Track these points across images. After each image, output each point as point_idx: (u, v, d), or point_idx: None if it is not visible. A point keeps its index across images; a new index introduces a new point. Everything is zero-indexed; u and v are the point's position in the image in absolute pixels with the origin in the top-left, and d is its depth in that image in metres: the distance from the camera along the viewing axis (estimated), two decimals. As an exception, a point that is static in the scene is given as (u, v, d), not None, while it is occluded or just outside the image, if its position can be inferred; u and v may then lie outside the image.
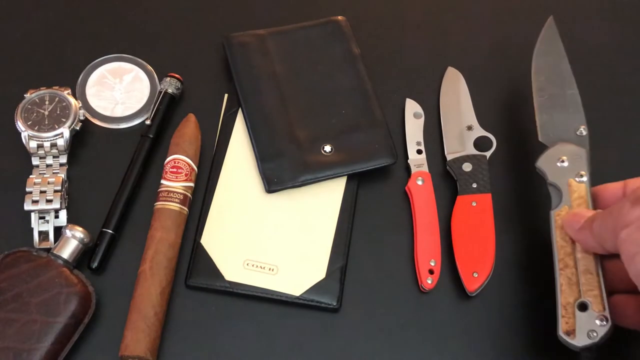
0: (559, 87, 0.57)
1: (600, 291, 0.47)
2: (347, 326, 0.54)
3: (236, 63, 0.61)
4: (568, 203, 0.51)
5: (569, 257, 0.49)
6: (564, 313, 0.48)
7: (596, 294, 0.47)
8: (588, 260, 0.48)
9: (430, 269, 0.55)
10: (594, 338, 0.46)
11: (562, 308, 0.48)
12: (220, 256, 0.54)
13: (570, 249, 0.49)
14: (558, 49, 0.59)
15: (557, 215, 0.51)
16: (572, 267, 0.49)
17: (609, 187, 0.50)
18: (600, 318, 0.47)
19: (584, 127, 0.54)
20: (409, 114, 0.62)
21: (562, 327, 0.48)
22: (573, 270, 0.49)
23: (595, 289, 0.48)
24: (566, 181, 0.52)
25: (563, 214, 0.51)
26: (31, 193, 0.54)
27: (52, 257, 0.52)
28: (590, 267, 0.48)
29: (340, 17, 0.64)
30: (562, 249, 0.50)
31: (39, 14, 0.65)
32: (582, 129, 0.54)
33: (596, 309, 0.47)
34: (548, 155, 0.54)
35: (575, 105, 0.56)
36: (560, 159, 0.53)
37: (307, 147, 0.57)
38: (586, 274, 0.48)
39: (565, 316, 0.48)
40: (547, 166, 0.53)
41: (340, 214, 0.56)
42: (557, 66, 0.58)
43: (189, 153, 0.57)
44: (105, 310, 0.53)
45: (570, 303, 0.48)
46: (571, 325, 0.47)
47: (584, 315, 0.47)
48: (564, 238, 0.50)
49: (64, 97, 0.58)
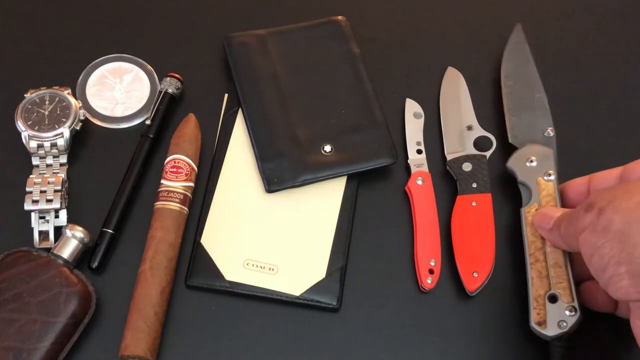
0: (527, 91, 0.60)
1: (569, 283, 0.50)
2: (347, 326, 0.54)
3: (236, 63, 0.61)
4: (537, 200, 0.54)
5: (539, 252, 0.52)
6: (535, 305, 0.51)
7: (565, 286, 0.50)
8: (557, 254, 0.51)
9: (430, 269, 0.55)
10: (564, 328, 0.49)
11: (534, 300, 0.51)
12: (220, 256, 0.54)
13: (540, 244, 0.52)
14: (525, 54, 0.62)
15: (527, 212, 0.54)
16: (542, 261, 0.52)
17: (575, 183, 0.54)
18: (569, 309, 0.50)
19: (551, 128, 0.58)
20: (409, 114, 0.62)
21: (534, 318, 0.50)
22: (543, 264, 0.52)
23: (564, 281, 0.50)
24: (535, 180, 0.55)
25: (533, 212, 0.53)
26: (31, 193, 0.54)
27: (52, 257, 0.52)
28: (560, 261, 0.51)
29: (340, 17, 0.64)
30: (533, 244, 0.53)
31: (39, 13, 0.65)
32: (550, 130, 0.58)
33: (565, 300, 0.50)
34: (518, 156, 0.56)
35: (542, 107, 0.59)
36: (530, 159, 0.56)
37: (307, 147, 0.57)
38: (555, 267, 0.51)
39: (536, 308, 0.50)
40: (517, 166, 0.56)
41: (340, 214, 0.56)
42: (524, 71, 0.62)
43: (189, 153, 0.57)
44: (105, 310, 0.53)
45: (541, 295, 0.51)
46: (542, 316, 0.50)
47: (554, 307, 0.50)
48: (534, 234, 0.53)
49: (64, 97, 0.58)
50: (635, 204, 0.42)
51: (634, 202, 0.42)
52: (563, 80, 0.64)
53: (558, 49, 0.66)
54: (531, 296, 0.51)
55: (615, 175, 0.51)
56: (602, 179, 0.51)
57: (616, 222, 0.42)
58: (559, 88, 0.64)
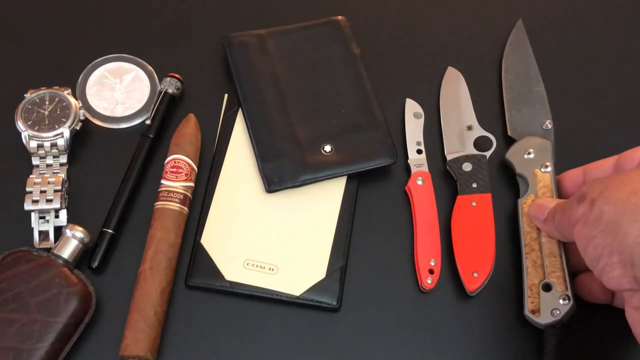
0: (527, 85, 0.62)
1: (563, 272, 0.51)
2: (347, 326, 0.54)
3: (236, 63, 0.61)
4: (534, 192, 0.55)
5: (534, 242, 0.53)
6: (529, 293, 0.52)
7: (559, 275, 0.51)
8: (552, 244, 0.52)
9: (430, 269, 0.55)
10: (557, 316, 0.50)
11: (528, 289, 0.52)
12: (220, 256, 0.54)
13: (535, 235, 0.53)
14: (526, 49, 0.64)
15: (523, 203, 0.55)
16: (537, 251, 0.53)
17: (570, 174, 0.54)
18: (563, 297, 0.50)
19: (549, 121, 0.59)
20: (409, 114, 0.62)
21: (528, 306, 0.51)
22: (538, 253, 0.53)
23: (558, 270, 0.51)
24: (532, 171, 0.56)
25: (529, 202, 0.54)
26: (31, 193, 0.54)
27: (52, 257, 0.52)
28: (554, 251, 0.52)
29: (340, 17, 0.64)
30: (528, 234, 0.54)
31: (39, 13, 0.65)
32: (548, 123, 0.59)
33: (559, 289, 0.51)
34: (516, 148, 0.58)
35: (541, 100, 0.61)
36: (527, 151, 0.57)
37: (307, 147, 0.57)
38: (550, 257, 0.52)
39: (530, 296, 0.52)
40: (515, 158, 0.57)
41: (340, 214, 0.56)
42: (524, 65, 0.63)
43: (189, 153, 0.57)
44: (105, 310, 0.53)
45: (535, 284, 0.52)
46: (536, 304, 0.51)
47: (548, 295, 0.51)
48: (530, 224, 0.54)
49: (64, 97, 0.58)
50: (626, 194, 0.42)
51: (625, 191, 0.42)
52: (562, 74, 0.65)
53: (557, 44, 0.66)
54: (526, 285, 0.52)
55: (609, 164, 0.51)
56: (597, 169, 0.52)
57: (607, 212, 0.42)
58: (558, 82, 0.64)
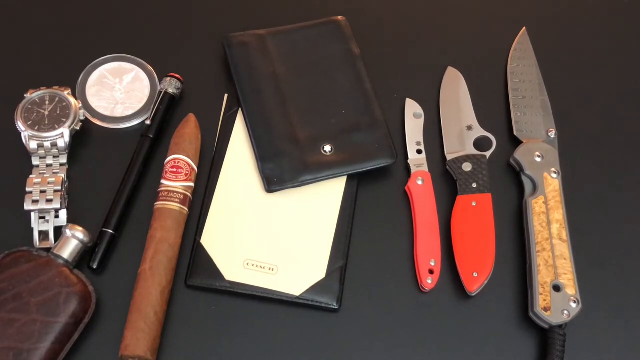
0: (532, 92, 0.62)
1: (573, 275, 0.53)
2: (347, 326, 0.54)
3: (236, 63, 0.61)
4: (544, 194, 0.56)
5: (546, 242, 0.54)
6: (541, 291, 0.53)
7: (570, 278, 0.53)
8: (563, 247, 0.54)
9: (430, 269, 0.55)
10: (567, 317, 0.52)
11: (540, 286, 0.53)
12: (220, 256, 0.54)
13: (547, 234, 0.54)
14: (530, 57, 0.64)
15: (534, 203, 0.56)
16: (549, 251, 0.54)
17: None
18: (573, 300, 0.52)
19: (554, 130, 0.60)
20: (409, 114, 0.62)
21: (540, 303, 0.52)
22: (550, 253, 0.54)
23: (569, 273, 0.53)
24: (542, 174, 0.57)
25: (540, 204, 0.55)
26: (31, 193, 0.54)
27: (52, 256, 0.52)
28: (565, 254, 0.54)
29: (340, 17, 0.64)
30: (540, 233, 0.55)
31: (39, 14, 0.65)
32: (552, 132, 0.60)
33: (570, 292, 0.52)
34: (525, 149, 0.58)
35: (546, 109, 0.62)
36: (536, 154, 0.58)
37: (307, 147, 0.57)
38: (560, 259, 0.53)
39: (542, 294, 0.52)
40: (524, 158, 0.58)
41: (340, 214, 0.56)
42: (530, 72, 0.63)
43: (189, 153, 0.57)
44: (105, 310, 0.53)
45: (547, 283, 0.53)
46: (548, 302, 0.52)
47: (559, 296, 0.52)
48: (541, 224, 0.55)
49: (64, 97, 0.58)
50: None
51: None
52: (565, 84, 0.64)
53: (561, 53, 0.66)
54: (537, 283, 0.53)
55: None
56: None
57: None
58: (560, 93, 0.63)
